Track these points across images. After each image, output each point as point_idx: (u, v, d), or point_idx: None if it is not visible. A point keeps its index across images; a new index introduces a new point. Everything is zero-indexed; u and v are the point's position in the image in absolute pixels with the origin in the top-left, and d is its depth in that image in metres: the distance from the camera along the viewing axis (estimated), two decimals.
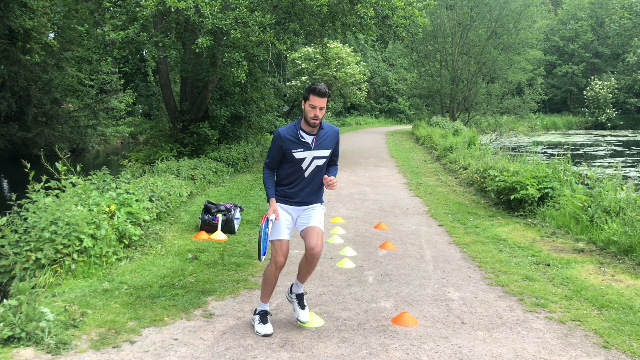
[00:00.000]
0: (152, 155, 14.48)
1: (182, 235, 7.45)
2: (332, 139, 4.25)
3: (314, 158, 4.17)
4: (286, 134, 4.15)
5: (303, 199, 4.27)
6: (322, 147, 4.19)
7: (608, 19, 53.93)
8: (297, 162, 4.17)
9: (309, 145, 4.14)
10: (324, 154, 4.20)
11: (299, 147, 4.13)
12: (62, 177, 6.38)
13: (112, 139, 30.43)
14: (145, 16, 11.27)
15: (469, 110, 34.72)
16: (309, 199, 4.29)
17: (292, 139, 4.13)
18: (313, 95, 4.00)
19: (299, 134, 4.13)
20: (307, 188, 4.26)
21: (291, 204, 4.26)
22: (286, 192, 4.26)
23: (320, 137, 4.18)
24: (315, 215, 4.28)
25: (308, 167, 4.19)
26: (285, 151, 4.15)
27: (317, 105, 4.00)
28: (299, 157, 4.15)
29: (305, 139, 4.13)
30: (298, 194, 4.25)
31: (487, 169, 11.00)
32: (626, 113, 50.89)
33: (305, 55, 32.78)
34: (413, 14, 13.95)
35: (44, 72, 22.74)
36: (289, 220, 4.26)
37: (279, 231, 4.17)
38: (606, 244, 6.64)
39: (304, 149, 4.13)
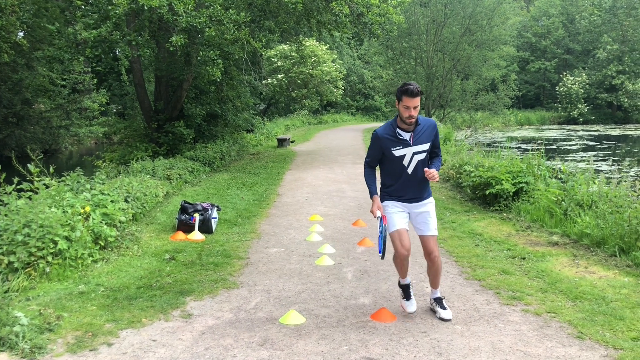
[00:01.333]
0: (126, 155, 14.31)
1: (158, 236, 7.38)
2: (430, 132, 4.30)
3: (414, 154, 4.23)
4: (384, 133, 4.25)
5: (412, 195, 4.35)
6: (421, 141, 4.24)
7: (578, 15, 54.90)
8: (397, 160, 4.24)
9: (408, 142, 4.21)
10: (423, 148, 4.25)
11: (397, 145, 4.21)
12: (35, 179, 6.27)
13: (86, 140, 30.01)
14: (117, 14, 11.13)
15: (444, 106, 35.05)
16: (417, 194, 4.36)
17: (390, 138, 4.22)
18: (406, 96, 4.05)
19: (397, 132, 4.21)
20: (413, 184, 4.32)
21: (401, 200, 4.34)
22: (394, 192, 4.35)
23: (417, 133, 4.23)
24: (431, 220, 4.38)
25: (410, 163, 4.25)
26: (385, 150, 4.24)
27: (410, 105, 4.06)
28: (398, 155, 4.23)
29: (403, 137, 4.21)
30: (405, 191, 4.33)
31: (463, 164, 11.11)
32: (597, 108, 51.89)
33: (281, 53, 32.74)
34: (388, 11, 14.02)
35: (13, 72, 22.30)
36: (403, 211, 4.36)
37: (393, 222, 4.29)
38: (579, 236, 6.77)
39: (403, 146, 4.21)
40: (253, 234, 7.59)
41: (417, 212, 4.40)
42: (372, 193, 4.37)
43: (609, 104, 52.45)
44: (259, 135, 24.20)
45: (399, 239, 4.29)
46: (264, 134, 24.96)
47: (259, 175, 13.65)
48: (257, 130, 25.03)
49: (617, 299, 4.78)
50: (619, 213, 6.62)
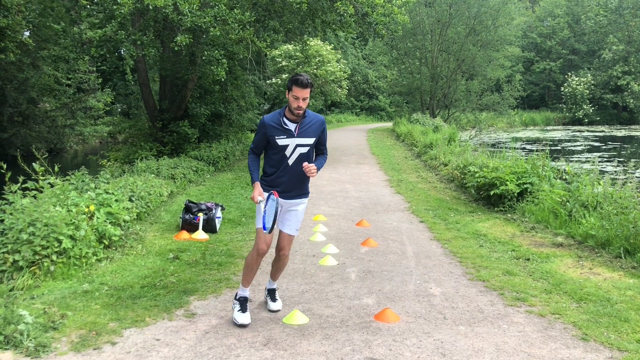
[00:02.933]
0: (131, 154, 14.35)
1: (163, 235, 7.39)
2: (316, 128, 4.31)
3: (297, 146, 4.23)
4: (270, 120, 4.24)
5: (287, 188, 4.33)
6: (306, 135, 4.24)
7: (584, 16, 54.70)
8: (280, 149, 4.23)
9: (292, 133, 4.21)
10: (307, 142, 4.26)
11: (282, 134, 4.20)
12: (40, 178, 6.29)
13: (91, 139, 30.08)
14: (122, 14, 11.15)
15: (448, 107, 34.97)
16: (293, 188, 4.35)
17: (275, 126, 4.21)
18: (295, 86, 4.06)
19: (283, 121, 4.21)
20: (292, 176, 4.31)
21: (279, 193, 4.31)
22: (272, 181, 4.33)
23: (303, 125, 4.24)
24: (295, 220, 4.42)
25: (292, 154, 4.24)
26: (269, 137, 4.23)
27: (299, 96, 4.07)
28: (281, 144, 4.21)
29: (288, 127, 4.20)
30: (282, 182, 4.31)
31: (467, 165, 11.09)
32: (602, 109, 51.70)
33: (286, 53, 32.72)
34: (392, 11, 14.00)
35: (19, 71, 22.37)
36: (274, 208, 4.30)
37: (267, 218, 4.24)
38: (584, 237, 6.74)
39: (287, 136, 4.20)
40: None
41: (288, 208, 4.39)
42: (253, 180, 4.35)
43: (615, 105, 52.25)
44: None
45: (263, 236, 4.26)
46: None
47: None
48: None
49: (622, 301, 4.76)
50: (624, 214, 6.59)
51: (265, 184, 4.36)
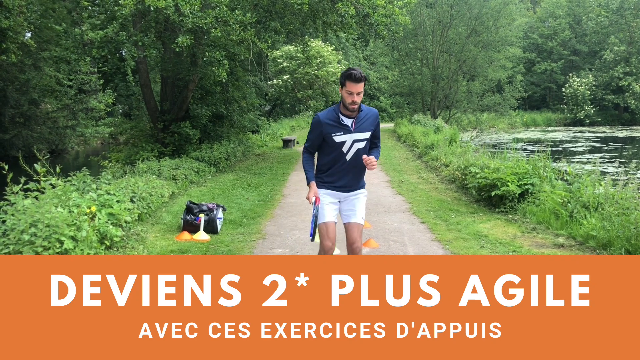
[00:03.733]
0: (132, 155, 14.36)
1: (164, 236, 7.40)
2: (372, 121, 4.26)
3: (354, 141, 4.19)
4: (326, 118, 4.19)
5: (346, 184, 4.30)
6: (362, 129, 4.20)
7: (585, 16, 54.71)
8: (337, 146, 4.19)
9: (349, 129, 4.16)
10: (364, 136, 4.22)
11: (339, 130, 4.16)
12: (41, 179, 6.29)
13: (92, 140, 30.13)
14: (124, 15, 11.17)
15: (449, 108, 34.97)
16: (352, 183, 4.32)
17: (332, 123, 4.17)
18: (349, 81, 3.99)
19: (339, 117, 4.16)
20: (350, 172, 4.28)
21: (335, 189, 4.29)
22: (329, 178, 4.29)
23: (360, 120, 4.19)
24: (359, 207, 4.33)
25: (349, 150, 4.21)
26: (325, 135, 4.18)
27: (354, 90, 4.00)
28: (339, 141, 4.17)
29: (345, 122, 4.16)
30: (341, 179, 4.28)
31: (468, 166, 11.08)
32: (604, 110, 51.67)
33: (287, 54, 32.72)
34: (394, 12, 14.01)
35: (20, 72, 22.41)
36: (334, 203, 4.32)
37: (323, 214, 4.24)
38: (585, 238, 6.74)
39: (344, 132, 4.16)
40: (258, 234, 7.59)
41: (347, 200, 4.36)
42: (309, 180, 4.30)
43: (616, 106, 52.20)
44: (265, 136, 24.23)
45: (326, 231, 4.25)
46: (269, 135, 24.99)
47: (264, 176, 13.66)
48: (263, 131, 25.06)
49: None
50: (625, 215, 6.58)
51: (321, 180, 4.32)
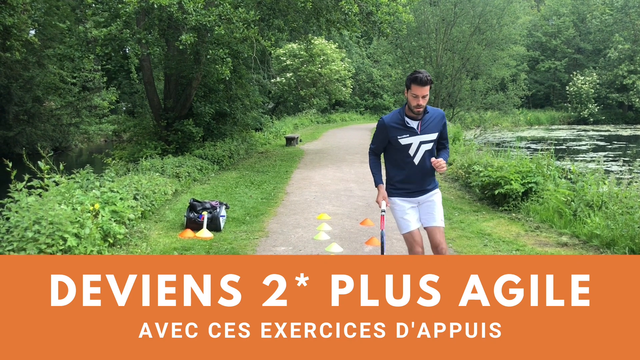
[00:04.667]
0: (136, 153, 14.38)
1: (167, 234, 7.41)
2: (438, 122, 4.21)
3: (421, 143, 4.15)
4: (391, 121, 4.17)
5: (418, 188, 4.27)
6: (428, 131, 4.16)
7: (589, 15, 54.51)
8: (404, 149, 4.16)
9: (415, 131, 4.13)
10: (430, 138, 4.18)
11: (404, 133, 4.13)
12: (45, 176, 6.31)
13: (96, 137, 30.18)
14: (127, 13, 11.18)
15: (453, 106, 34.89)
16: (423, 185, 4.29)
17: (397, 126, 4.15)
18: (415, 84, 3.95)
19: (405, 120, 4.13)
20: (419, 175, 4.24)
21: (408, 194, 4.27)
22: (401, 185, 4.28)
23: (425, 122, 4.15)
24: (437, 211, 4.31)
25: (416, 153, 4.17)
26: (391, 138, 4.17)
27: (419, 94, 3.97)
28: (405, 143, 4.14)
29: (410, 125, 4.13)
30: (411, 183, 4.25)
31: (472, 164, 11.07)
32: (608, 108, 51.50)
33: (290, 51, 32.73)
34: (397, 10, 13.98)
35: (24, 69, 22.48)
36: (413, 208, 4.30)
37: (407, 224, 4.25)
38: (589, 237, 6.72)
39: (410, 135, 4.13)
40: (261, 232, 7.60)
41: (423, 203, 4.34)
42: (377, 182, 4.31)
43: (620, 104, 52.03)
44: (268, 133, 24.23)
45: (412, 240, 4.23)
46: (272, 133, 25.00)
47: (267, 174, 13.67)
48: (266, 129, 25.07)
49: None
50: (629, 214, 6.56)
51: (392, 187, 4.31)
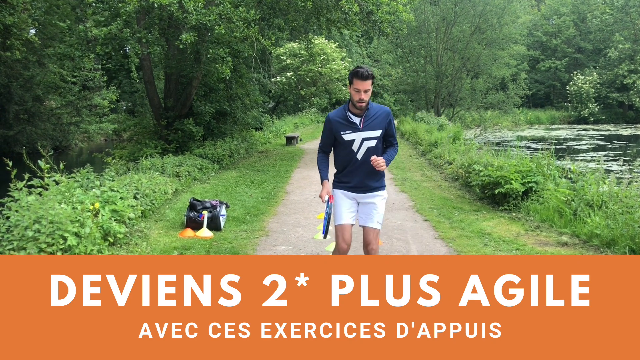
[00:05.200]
0: (136, 152, 14.38)
1: (167, 233, 7.41)
2: (382, 119, 4.24)
3: (363, 139, 4.18)
4: (335, 116, 4.23)
5: (360, 184, 4.30)
6: (371, 127, 4.19)
7: (590, 14, 54.45)
8: (347, 145, 4.20)
9: (357, 127, 4.17)
10: (373, 134, 4.20)
11: (347, 129, 4.17)
12: (45, 175, 6.30)
13: (96, 136, 30.18)
14: (128, 12, 11.18)
15: (453, 105, 34.90)
16: (366, 183, 4.31)
17: (340, 121, 4.19)
18: (356, 78, 4.01)
19: (348, 115, 4.17)
20: (362, 171, 4.27)
21: (350, 189, 4.31)
22: (345, 178, 4.32)
23: (368, 118, 4.18)
24: (376, 212, 4.35)
25: (359, 149, 4.21)
26: (336, 134, 4.21)
27: (361, 88, 4.01)
28: (348, 139, 4.18)
29: (353, 120, 4.17)
30: (354, 178, 4.29)
31: (472, 163, 11.06)
32: (608, 108, 51.47)
33: (290, 51, 32.71)
34: (397, 9, 13.98)
35: (25, 69, 22.47)
36: (350, 204, 4.33)
37: (340, 216, 4.28)
38: (589, 237, 6.72)
39: (352, 131, 4.17)
40: (261, 231, 7.60)
41: (364, 202, 4.37)
42: (322, 178, 4.35)
43: (620, 104, 52.00)
44: (268, 133, 24.24)
45: (342, 233, 4.26)
46: (272, 132, 25.00)
47: (268, 173, 13.67)
48: (266, 128, 25.08)
49: None
50: (629, 213, 6.56)
51: (337, 181, 4.37)
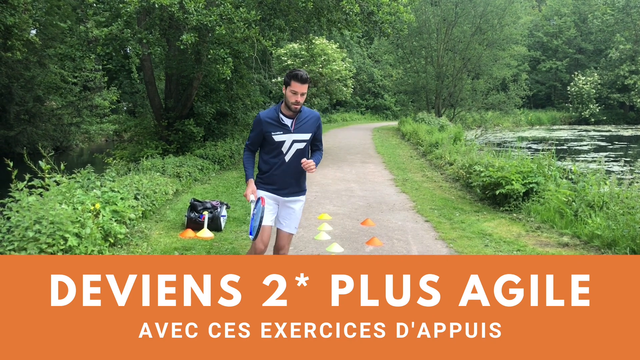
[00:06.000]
0: (137, 152, 14.39)
1: (168, 233, 7.41)
2: (312, 123, 4.29)
3: (293, 141, 4.21)
4: (266, 117, 4.21)
5: (284, 186, 4.32)
6: (302, 130, 4.23)
7: (591, 15, 54.46)
8: (277, 145, 4.21)
9: (289, 128, 4.19)
10: (303, 137, 4.24)
11: (278, 129, 4.18)
12: (46, 176, 6.31)
13: (97, 137, 30.18)
14: (128, 12, 11.18)
15: (454, 106, 34.90)
16: (290, 185, 4.34)
17: (272, 122, 4.19)
18: (294, 81, 4.04)
19: (279, 116, 4.19)
20: (288, 173, 4.30)
21: (273, 191, 4.32)
22: (267, 178, 4.31)
23: (300, 121, 4.22)
24: (294, 218, 4.42)
25: (288, 150, 4.23)
26: (265, 134, 4.21)
27: (298, 91, 4.05)
28: (278, 140, 4.19)
29: (284, 122, 4.19)
30: (279, 180, 4.30)
31: (473, 164, 11.06)
32: (609, 108, 51.46)
33: (291, 51, 32.70)
34: (398, 10, 13.98)
35: (25, 69, 22.48)
36: (272, 206, 4.33)
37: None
38: (590, 238, 6.72)
39: (284, 132, 4.18)
40: None
41: (285, 205, 4.39)
42: (248, 176, 4.32)
43: (621, 104, 51.98)
44: None
45: (261, 234, 4.24)
46: None
47: None
48: None
49: None
50: (630, 214, 6.56)
51: (261, 181, 4.35)
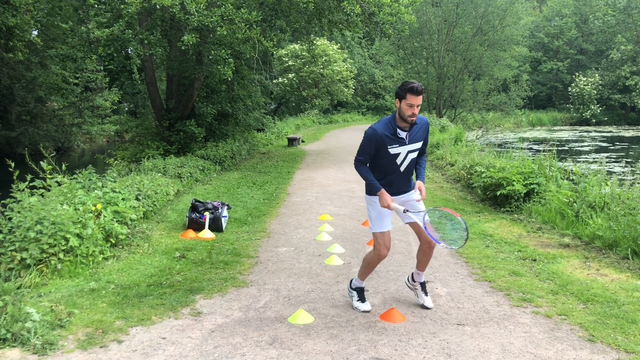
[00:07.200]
0: (138, 153, 14.39)
1: (169, 234, 7.42)
2: (424, 130, 4.37)
3: (408, 152, 4.28)
4: (383, 131, 4.21)
5: (399, 189, 4.41)
6: (415, 140, 4.30)
7: (592, 15, 54.39)
8: (392, 158, 4.26)
9: (404, 141, 4.24)
10: (417, 146, 4.33)
11: (394, 143, 4.22)
12: (47, 176, 6.31)
13: (98, 138, 30.23)
14: (130, 13, 11.19)
15: (455, 106, 34.90)
16: (404, 188, 4.43)
17: (389, 136, 4.21)
18: (410, 94, 4.06)
19: (397, 130, 4.22)
20: (402, 179, 4.39)
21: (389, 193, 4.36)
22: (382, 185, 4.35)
23: (413, 132, 4.28)
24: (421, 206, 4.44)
25: (403, 161, 4.30)
26: (380, 148, 4.23)
27: (414, 103, 4.08)
28: (394, 153, 4.24)
29: (401, 135, 4.23)
30: (393, 185, 4.37)
31: (474, 165, 11.06)
32: (610, 109, 51.40)
33: (292, 52, 32.75)
34: (399, 10, 13.97)
35: (27, 70, 22.52)
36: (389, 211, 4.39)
37: (382, 223, 4.37)
38: (591, 238, 6.71)
39: (399, 145, 4.23)
40: (263, 232, 7.60)
41: (406, 202, 4.42)
42: (378, 188, 4.28)
43: (622, 105, 51.92)
44: (270, 134, 24.24)
45: (383, 240, 4.36)
46: (274, 133, 25.01)
47: (269, 175, 13.67)
48: (268, 130, 25.07)
49: (629, 302, 4.74)
50: (631, 215, 6.55)
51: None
